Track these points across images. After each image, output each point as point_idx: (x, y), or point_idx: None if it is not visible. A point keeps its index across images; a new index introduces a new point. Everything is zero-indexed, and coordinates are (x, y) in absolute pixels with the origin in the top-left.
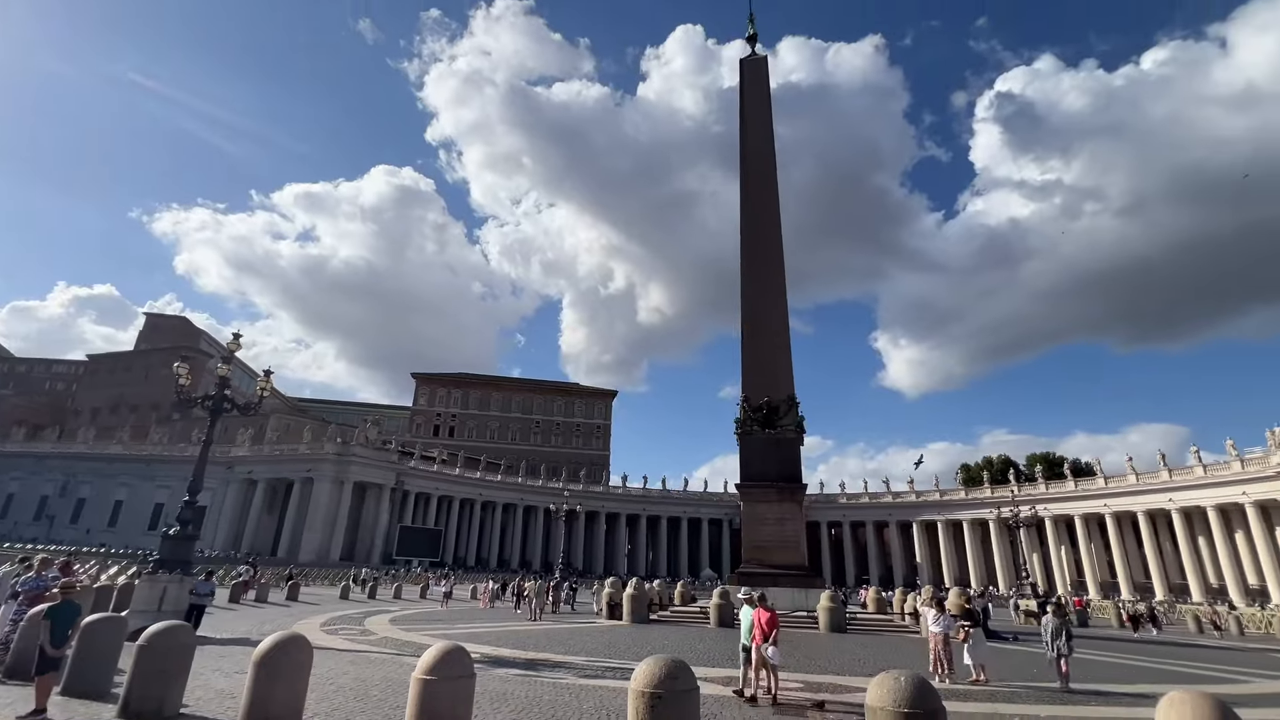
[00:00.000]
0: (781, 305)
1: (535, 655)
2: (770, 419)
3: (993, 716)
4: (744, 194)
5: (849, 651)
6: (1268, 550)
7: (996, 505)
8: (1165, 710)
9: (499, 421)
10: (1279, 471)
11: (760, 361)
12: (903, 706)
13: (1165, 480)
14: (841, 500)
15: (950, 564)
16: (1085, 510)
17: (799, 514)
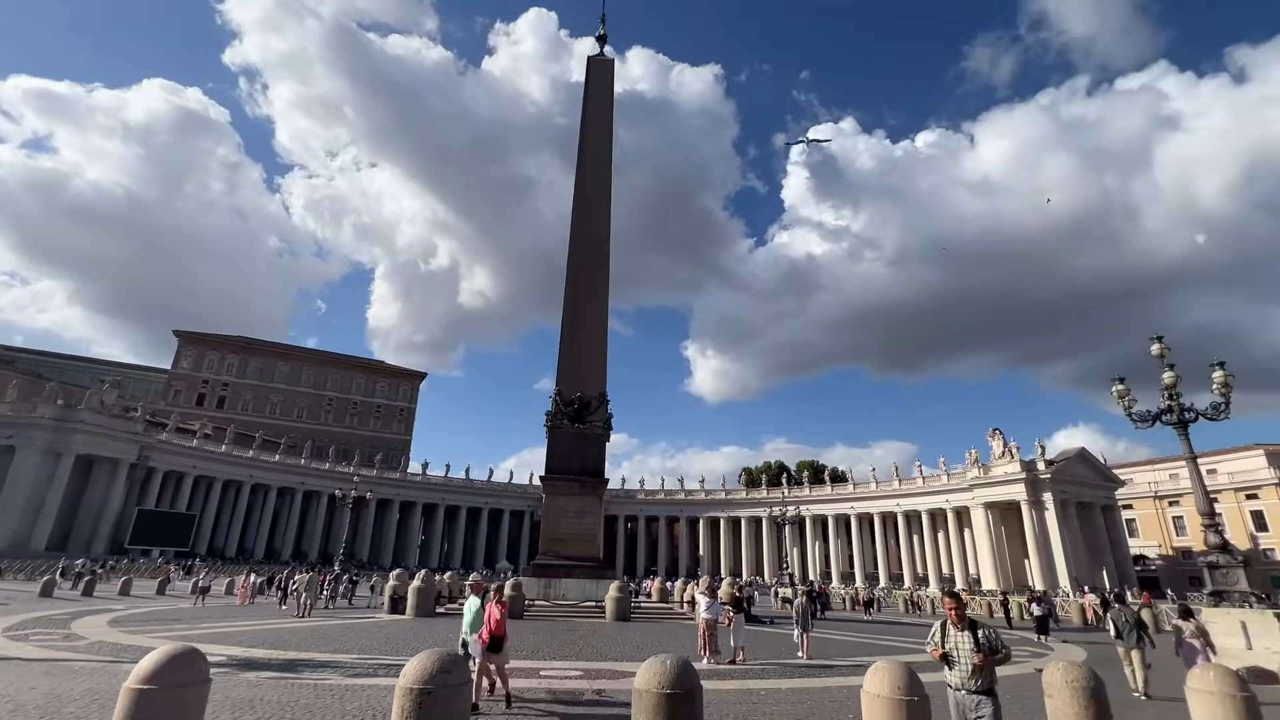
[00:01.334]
0: (603, 304)
1: (297, 655)
2: (580, 414)
3: (744, 691)
4: (579, 190)
5: (630, 639)
6: (958, 546)
7: (769, 505)
8: (871, 676)
9: (284, 395)
10: (970, 485)
11: (577, 357)
12: (665, 687)
13: (895, 489)
14: (640, 496)
15: (729, 556)
16: (837, 511)
17: (598, 508)
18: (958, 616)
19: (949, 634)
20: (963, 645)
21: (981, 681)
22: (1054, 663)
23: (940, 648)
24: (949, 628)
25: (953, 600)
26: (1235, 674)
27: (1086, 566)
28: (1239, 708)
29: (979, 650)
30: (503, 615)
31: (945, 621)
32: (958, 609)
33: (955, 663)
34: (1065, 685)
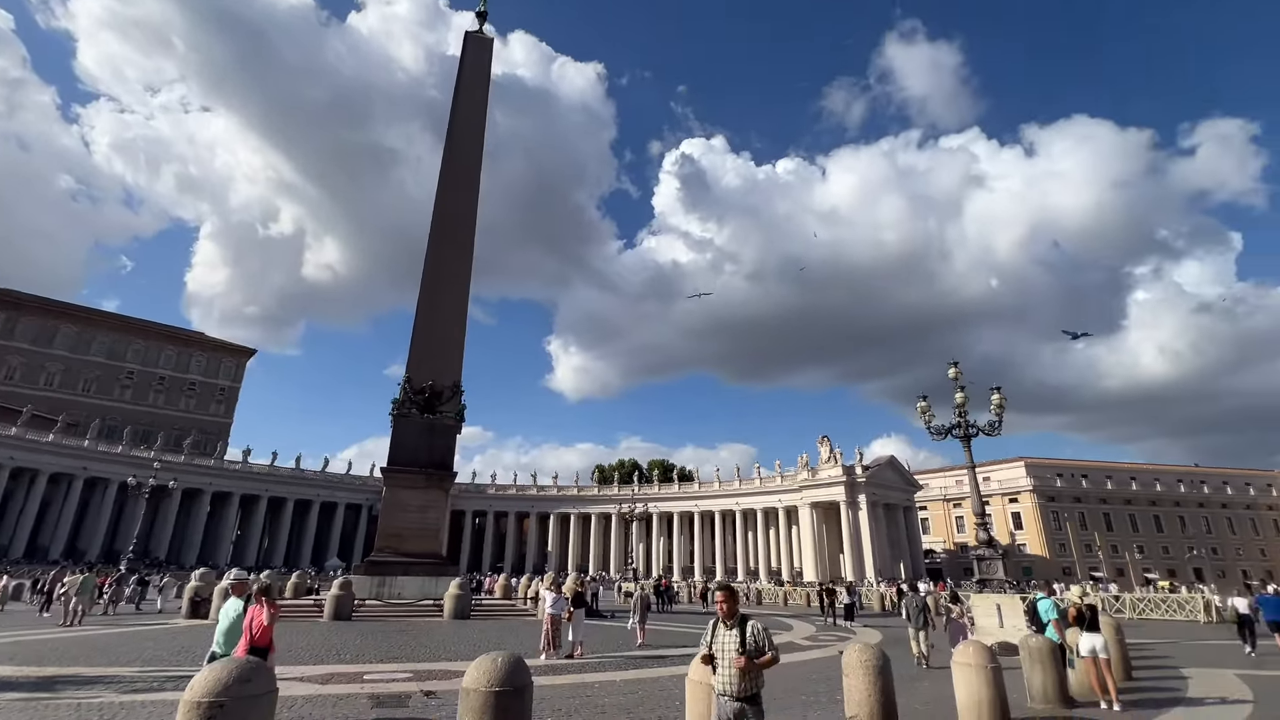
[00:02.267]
0: (463, 290)
1: (58, 671)
2: (432, 403)
3: (579, 684)
4: (446, 168)
5: (467, 637)
6: (786, 542)
7: (620, 502)
8: (696, 664)
9: (65, 364)
10: (800, 486)
11: (432, 344)
12: (494, 685)
13: (736, 489)
14: (491, 491)
15: (578, 553)
16: (683, 509)
17: (444, 502)
18: (728, 612)
19: (718, 633)
20: (728, 645)
21: (745, 686)
22: (852, 645)
23: (708, 648)
24: (719, 626)
25: (724, 594)
26: (988, 648)
27: (889, 560)
28: (987, 677)
29: (742, 651)
30: (271, 620)
31: (717, 619)
32: (728, 603)
33: (719, 665)
34: (859, 665)
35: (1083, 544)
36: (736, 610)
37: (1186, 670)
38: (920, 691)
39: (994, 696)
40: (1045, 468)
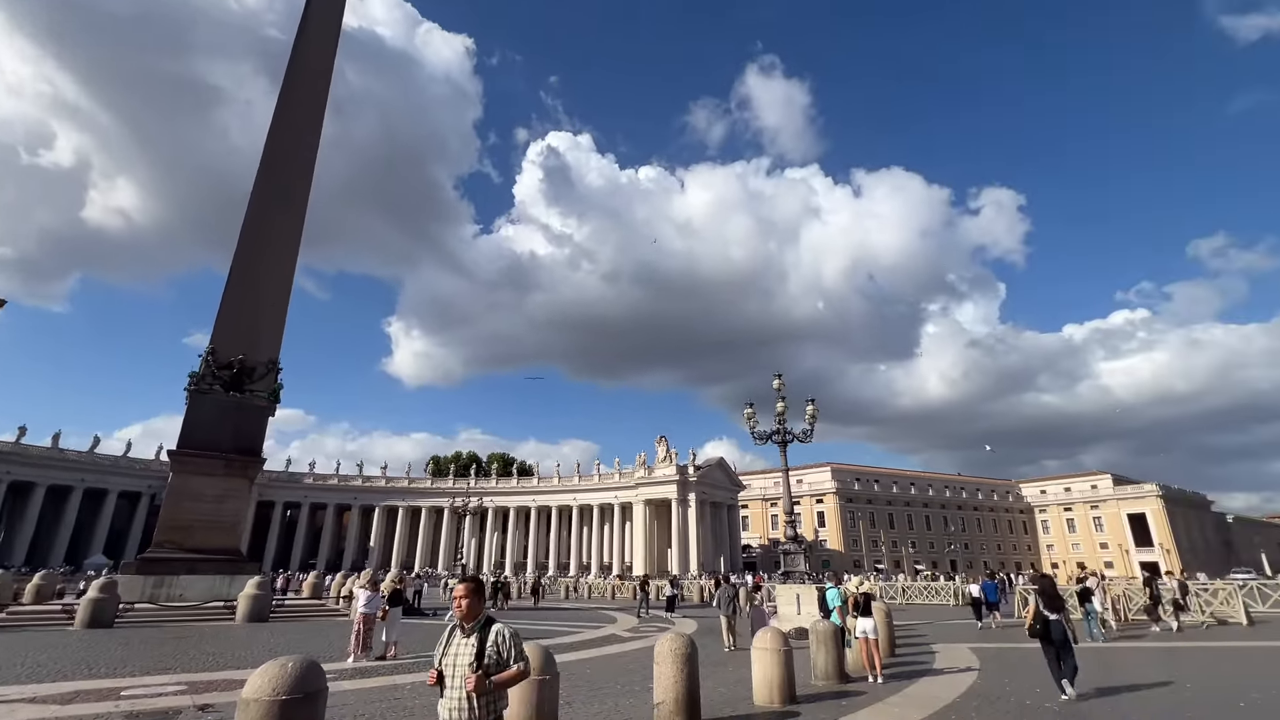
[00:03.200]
0: (290, 255)
1: None
2: (240, 380)
3: (389, 687)
4: (282, 113)
5: (263, 642)
6: (620, 538)
7: (454, 495)
8: None
9: None
10: (636, 484)
11: (245, 312)
12: (281, 693)
13: (575, 484)
14: (307, 480)
15: (403, 548)
16: (520, 504)
17: (247, 491)
18: (467, 612)
19: (453, 642)
20: (462, 658)
21: (480, 712)
22: (664, 635)
23: (437, 665)
24: (455, 632)
25: (465, 589)
26: (782, 634)
27: (712, 554)
28: (780, 659)
29: (478, 666)
30: None
31: (454, 624)
32: (468, 601)
33: (448, 684)
34: (669, 653)
35: (871, 540)
36: (480, 611)
37: (936, 646)
38: (726, 675)
39: (783, 676)
40: (847, 472)
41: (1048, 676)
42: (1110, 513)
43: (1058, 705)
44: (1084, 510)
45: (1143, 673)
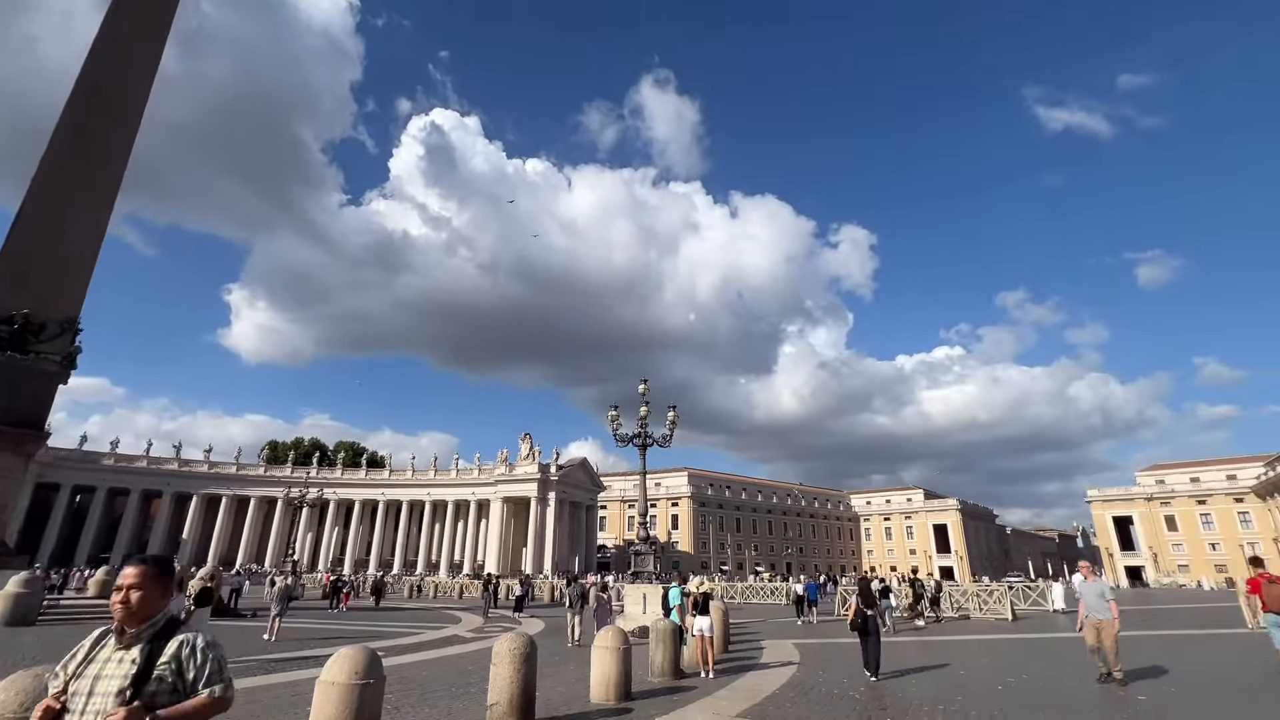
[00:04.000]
0: (106, 197)
1: None
2: (23, 339)
3: None
4: (108, 33)
5: (21, 648)
6: (474, 535)
7: (292, 485)
8: (331, 665)
9: None
10: (496, 480)
11: (37, 260)
12: (6, 711)
13: (430, 479)
14: (107, 461)
15: (223, 541)
16: (367, 497)
17: (21, 471)
18: (134, 612)
19: (96, 657)
20: (109, 680)
21: None
22: (504, 636)
23: (54, 690)
24: (103, 643)
25: (137, 573)
26: (623, 632)
27: (568, 554)
28: (618, 657)
29: (132, 694)
30: None
31: (103, 633)
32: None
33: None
34: (507, 653)
35: (719, 542)
36: (155, 610)
37: (765, 642)
38: (568, 673)
39: (620, 673)
40: (702, 478)
41: (857, 669)
42: (920, 523)
43: (859, 692)
44: (900, 520)
45: (925, 659)
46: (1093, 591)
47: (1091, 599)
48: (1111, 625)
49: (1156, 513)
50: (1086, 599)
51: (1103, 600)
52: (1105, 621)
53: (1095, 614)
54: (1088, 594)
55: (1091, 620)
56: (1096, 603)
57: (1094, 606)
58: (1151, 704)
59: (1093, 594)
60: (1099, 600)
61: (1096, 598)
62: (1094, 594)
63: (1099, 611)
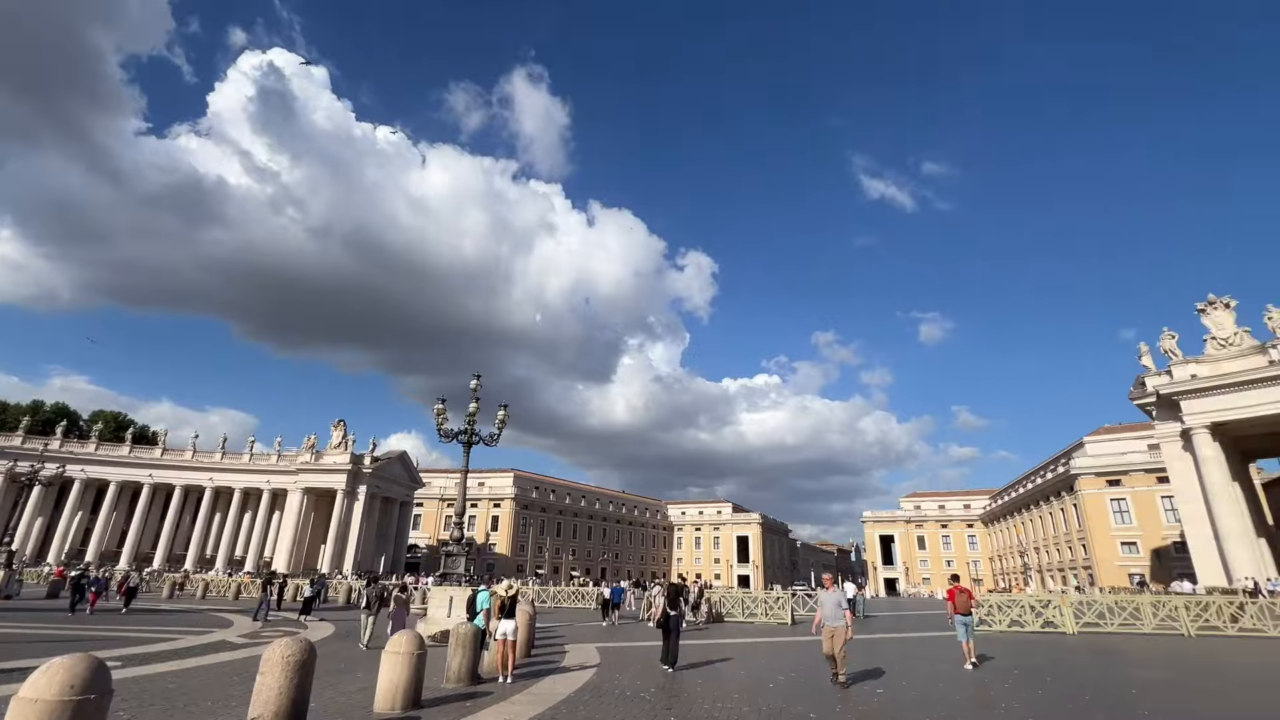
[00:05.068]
0: None
1: None
2: None
3: None
4: None
5: None
6: (263, 528)
7: (20, 458)
8: (37, 678)
9: None
10: (299, 469)
11: None
12: None
13: (215, 461)
14: None
15: None
16: (126, 478)
17: None
18: None
19: None
20: None
21: None
22: (279, 641)
23: None
24: None
25: None
26: (418, 637)
27: (374, 552)
28: (410, 663)
29: None
30: None
31: None
32: None
33: None
34: (279, 660)
35: (538, 546)
36: None
37: (569, 645)
38: (354, 681)
39: (410, 680)
40: (528, 480)
41: (652, 670)
42: (726, 534)
43: (650, 694)
44: (709, 530)
45: (713, 657)
46: (831, 600)
47: (830, 607)
48: (844, 632)
49: (911, 533)
50: (825, 607)
51: (839, 609)
52: (838, 628)
53: (831, 621)
54: (827, 603)
55: (828, 628)
56: (833, 611)
57: (830, 615)
58: (887, 695)
59: (831, 603)
60: (836, 609)
61: (834, 606)
62: (832, 603)
63: (834, 619)
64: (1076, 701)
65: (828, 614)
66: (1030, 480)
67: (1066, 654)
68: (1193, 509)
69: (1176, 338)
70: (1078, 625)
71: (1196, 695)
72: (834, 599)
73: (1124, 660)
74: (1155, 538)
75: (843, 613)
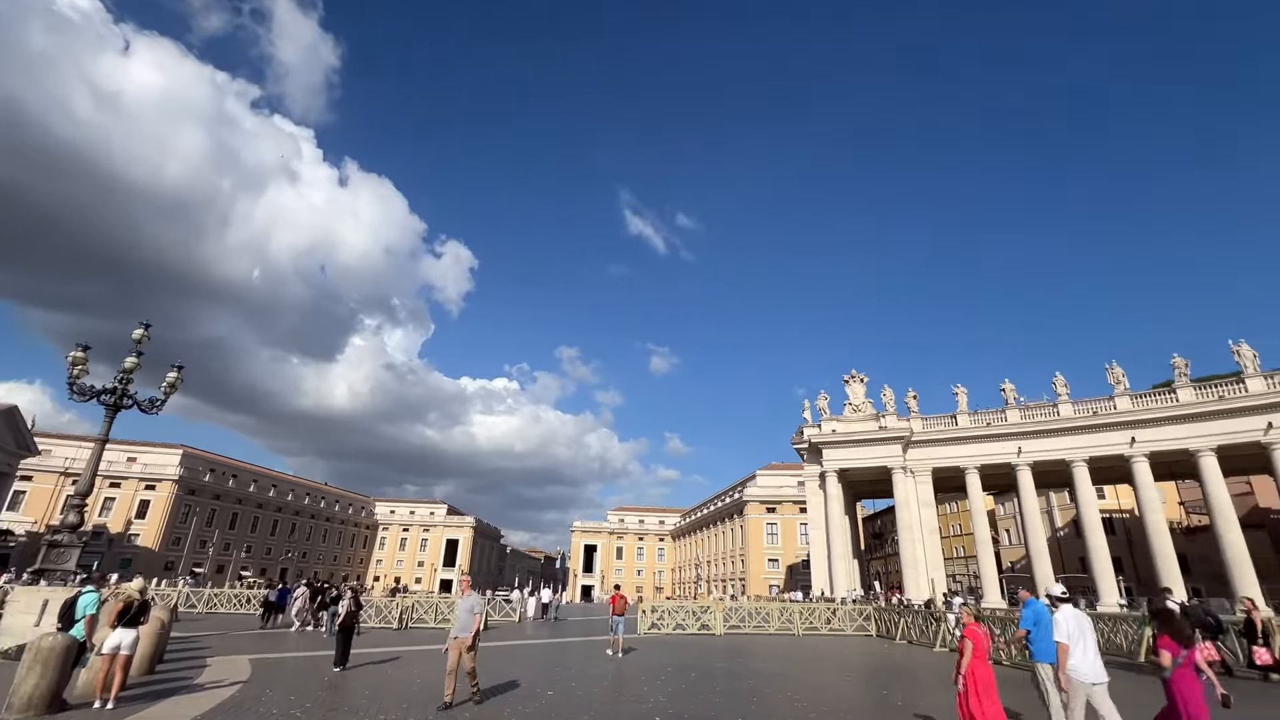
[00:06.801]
0: None
1: None
2: None
3: None
4: None
5: None
6: None
7: None
8: None
9: None
10: None
11: None
12: None
13: None
14: None
15: None
16: None
17: None
18: None
19: None
20: None
21: None
22: None
23: None
24: None
25: None
26: None
27: None
28: None
29: None
30: None
31: None
32: None
33: None
34: None
35: (201, 539)
36: None
37: (213, 659)
38: None
39: None
40: (201, 460)
41: (313, 683)
42: (437, 536)
43: (303, 710)
44: (419, 532)
45: (383, 659)
46: (463, 607)
47: (463, 615)
48: (466, 640)
49: (613, 543)
50: (459, 616)
51: (471, 615)
52: (468, 637)
53: (463, 631)
54: (460, 610)
55: (458, 641)
56: (466, 619)
57: (464, 623)
58: (551, 695)
59: (463, 609)
60: (468, 615)
61: (466, 613)
62: (464, 609)
63: (466, 628)
64: (707, 688)
65: (461, 623)
66: (714, 503)
67: (711, 652)
68: (818, 534)
69: (828, 399)
70: (725, 628)
71: (789, 679)
72: (465, 605)
73: (751, 655)
74: (791, 556)
75: (474, 618)
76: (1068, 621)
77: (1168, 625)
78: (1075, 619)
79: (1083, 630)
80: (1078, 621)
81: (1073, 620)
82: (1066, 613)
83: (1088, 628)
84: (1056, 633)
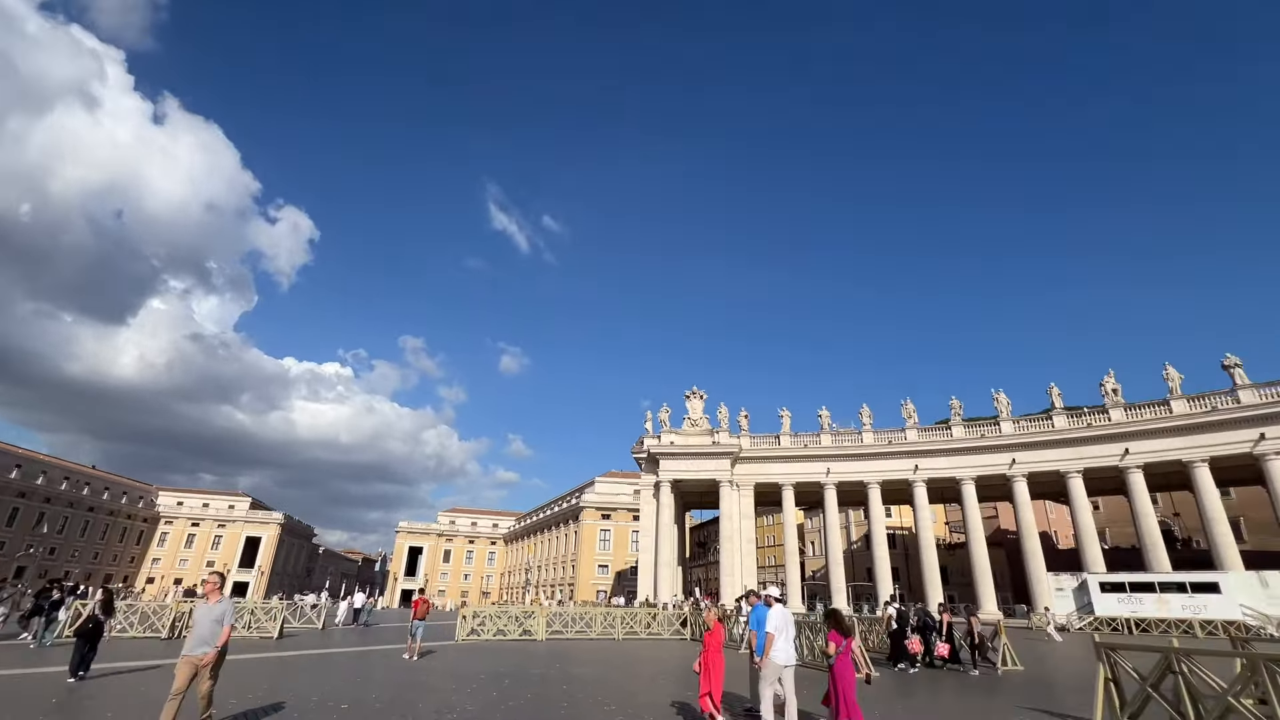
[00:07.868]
0: None
1: None
2: None
3: None
4: None
5: None
6: None
7: None
8: None
9: None
10: None
11: None
12: None
13: None
14: None
15: None
16: None
17: None
18: None
19: None
20: None
21: None
22: None
23: None
24: None
25: None
26: None
27: None
28: None
29: None
30: None
31: None
32: None
33: None
34: None
35: None
36: None
37: None
38: None
39: None
40: None
41: (33, 704)
42: (234, 533)
43: None
44: (210, 527)
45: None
46: (206, 616)
47: (204, 626)
48: (211, 658)
49: (441, 546)
50: (198, 627)
51: (217, 626)
52: (209, 655)
53: (201, 647)
54: (200, 620)
55: (191, 657)
56: (207, 630)
57: (204, 636)
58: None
59: (206, 618)
60: (211, 626)
61: (210, 623)
62: (207, 618)
63: (207, 642)
64: (519, 695)
65: (201, 635)
66: (551, 507)
67: (530, 658)
68: (648, 541)
69: (670, 412)
70: (548, 633)
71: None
72: (212, 614)
73: (571, 660)
74: (621, 562)
75: (222, 629)
76: (777, 617)
77: (834, 621)
78: (783, 615)
79: (787, 624)
80: (784, 617)
81: (780, 616)
82: (777, 610)
83: (791, 623)
84: (768, 624)
